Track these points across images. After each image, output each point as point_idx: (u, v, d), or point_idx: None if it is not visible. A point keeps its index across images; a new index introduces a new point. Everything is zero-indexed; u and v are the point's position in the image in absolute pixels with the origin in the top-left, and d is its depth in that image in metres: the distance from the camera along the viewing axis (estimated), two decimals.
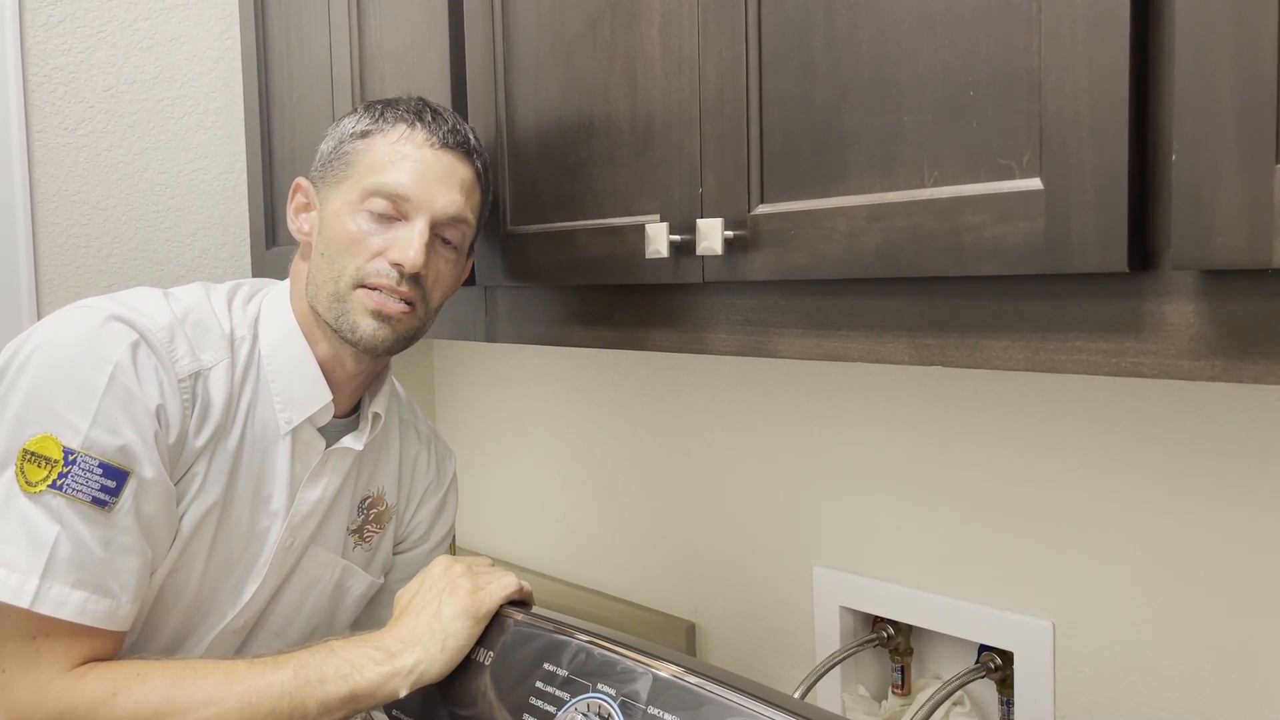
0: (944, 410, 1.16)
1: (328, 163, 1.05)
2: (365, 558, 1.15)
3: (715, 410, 1.42)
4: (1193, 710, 0.98)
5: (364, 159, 1.01)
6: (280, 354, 1.04)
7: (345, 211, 1.01)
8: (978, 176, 0.73)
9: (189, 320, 0.99)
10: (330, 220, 1.02)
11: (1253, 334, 0.62)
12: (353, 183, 1.01)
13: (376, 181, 1.00)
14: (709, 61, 0.91)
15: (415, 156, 1.00)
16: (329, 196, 1.03)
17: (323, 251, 1.02)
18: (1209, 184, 0.60)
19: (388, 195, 0.99)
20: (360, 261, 1.00)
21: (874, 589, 1.23)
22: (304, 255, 1.07)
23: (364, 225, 1.00)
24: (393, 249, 0.99)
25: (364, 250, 1.00)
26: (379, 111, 1.04)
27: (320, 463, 1.06)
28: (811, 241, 0.84)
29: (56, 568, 0.88)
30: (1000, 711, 1.14)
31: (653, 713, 0.84)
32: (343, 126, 1.06)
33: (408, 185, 1.00)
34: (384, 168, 1.00)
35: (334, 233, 1.01)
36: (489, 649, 0.98)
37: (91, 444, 0.90)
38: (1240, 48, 0.59)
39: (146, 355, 0.94)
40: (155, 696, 0.90)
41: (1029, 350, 0.73)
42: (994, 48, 0.72)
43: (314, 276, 1.03)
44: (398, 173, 1.00)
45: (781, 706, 0.81)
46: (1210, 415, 0.96)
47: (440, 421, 1.98)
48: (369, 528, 1.15)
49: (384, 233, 1.00)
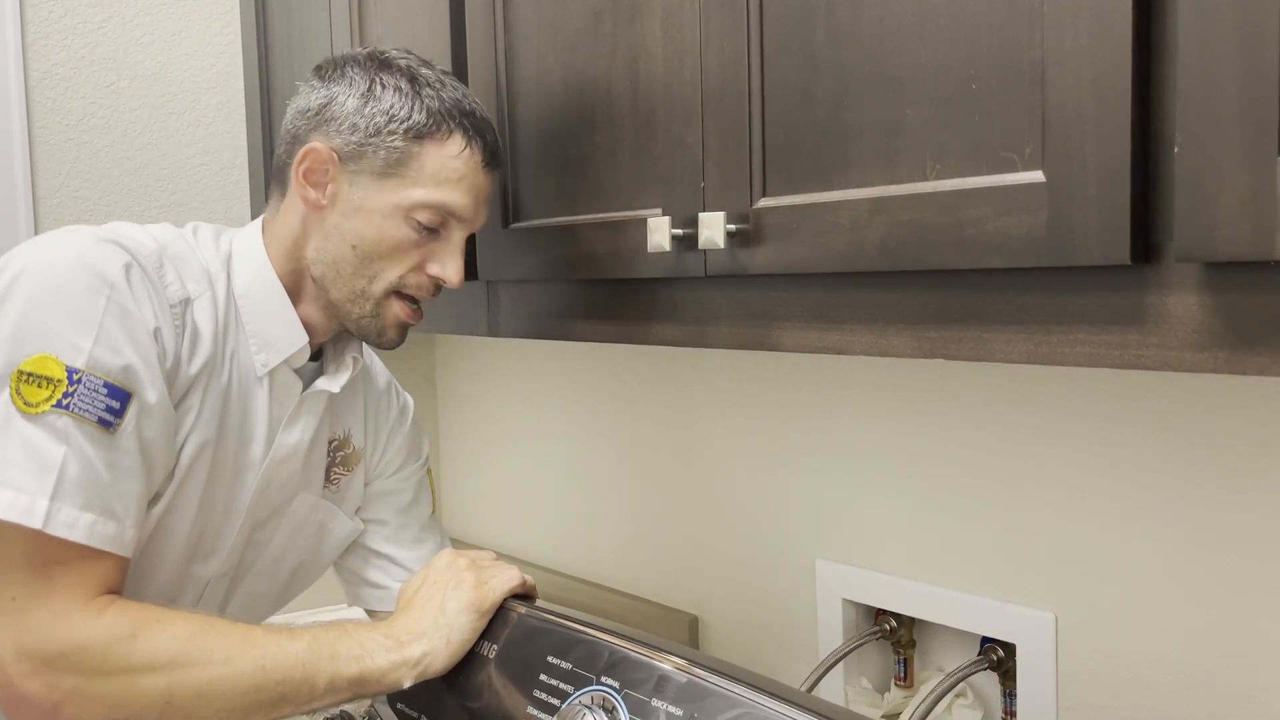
0: (946, 403, 1.16)
1: (366, 144, 0.98)
2: (339, 497, 1.15)
3: (717, 404, 1.42)
4: (1195, 701, 0.99)
5: (418, 165, 0.98)
6: (255, 295, 1.02)
7: (393, 215, 0.98)
8: (980, 169, 0.73)
9: (169, 251, 0.98)
10: (370, 216, 0.99)
11: (1255, 326, 0.62)
12: (404, 188, 0.98)
13: (437, 199, 0.98)
14: (710, 54, 0.91)
15: (472, 178, 1.00)
16: (367, 187, 0.99)
17: (354, 245, 1.00)
18: (1211, 176, 0.60)
19: (445, 214, 1.00)
20: (402, 271, 1.00)
21: (876, 582, 1.23)
22: (302, 220, 1.02)
23: (411, 235, 0.99)
24: (434, 263, 1.01)
25: (408, 260, 1.00)
26: (434, 108, 0.99)
27: (297, 405, 1.05)
28: (814, 235, 0.84)
29: (65, 489, 0.86)
30: (1003, 703, 1.14)
31: (657, 705, 0.85)
32: (387, 106, 0.98)
33: (466, 209, 1.00)
34: (443, 184, 0.99)
35: (375, 232, 0.99)
36: (493, 642, 0.99)
37: (96, 363, 0.88)
38: (1242, 40, 0.59)
39: (140, 277, 0.92)
40: (174, 646, 0.89)
41: (1032, 343, 0.73)
42: (996, 40, 0.72)
43: (327, 258, 1.01)
44: (458, 194, 1.00)
45: (785, 699, 0.81)
46: (1213, 407, 0.96)
47: (442, 415, 1.99)
48: (335, 470, 1.15)
49: (425, 243, 1.00)
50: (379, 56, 1.02)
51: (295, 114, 1.03)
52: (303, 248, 1.02)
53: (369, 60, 1.02)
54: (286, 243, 1.03)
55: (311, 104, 1.01)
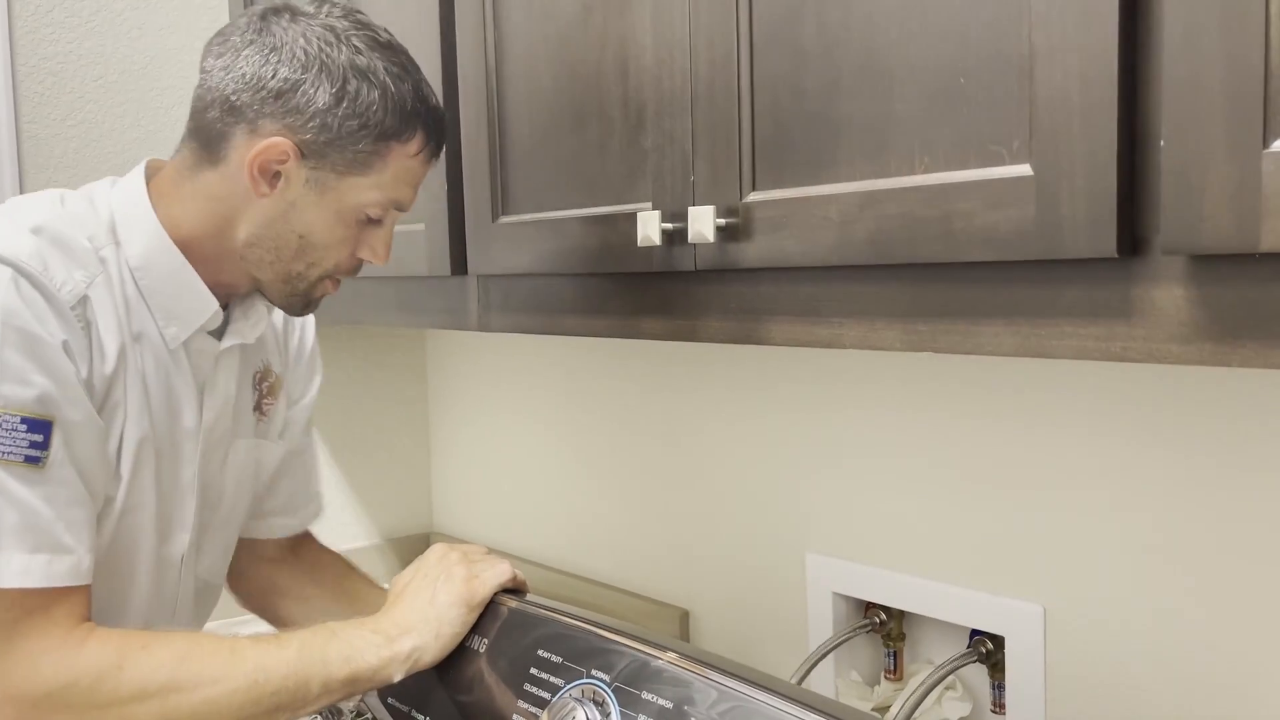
0: (935, 396, 1.16)
1: (333, 144, 0.93)
2: (267, 427, 1.15)
3: (707, 398, 1.42)
4: (1183, 692, 0.99)
5: (381, 165, 0.96)
6: (154, 269, 0.97)
7: (346, 211, 0.97)
8: (968, 163, 0.74)
9: (48, 237, 0.91)
10: (324, 211, 0.96)
11: (1241, 318, 0.62)
12: (364, 188, 0.96)
13: (392, 198, 0.97)
14: (700, 48, 0.91)
15: (421, 173, 1.00)
16: (325, 183, 0.95)
17: (301, 235, 0.96)
18: (1197, 169, 0.61)
19: (395, 209, 0.99)
20: (341, 258, 0.99)
21: (866, 575, 1.23)
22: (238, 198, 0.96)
23: (356, 227, 0.98)
24: (365, 248, 1.00)
25: (347, 248, 0.99)
26: (403, 109, 0.95)
27: (214, 365, 1.04)
28: (803, 229, 0.84)
29: (8, 539, 0.85)
30: (992, 695, 1.15)
31: (647, 698, 0.85)
32: (362, 109, 0.93)
33: (410, 202, 1.00)
34: (399, 184, 0.98)
35: (326, 226, 0.97)
36: (483, 636, 0.99)
37: (6, 401, 0.84)
38: (1228, 33, 0.59)
39: (29, 289, 0.87)
40: (163, 671, 0.88)
41: (1020, 336, 0.73)
42: (984, 34, 0.72)
43: (267, 243, 0.97)
44: (410, 191, 0.99)
45: (776, 691, 0.81)
46: (1199, 400, 0.96)
47: (433, 410, 1.99)
48: (265, 401, 1.14)
49: (364, 229, 0.99)
50: (342, 37, 0.94)
51: (239, 81, 0.93)
52: (233, 224, 0.97)
53: (335, 44, 0.93)
54: (211, 216, 0.97)
55: (267, 81, 0.92)
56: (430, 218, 1.26)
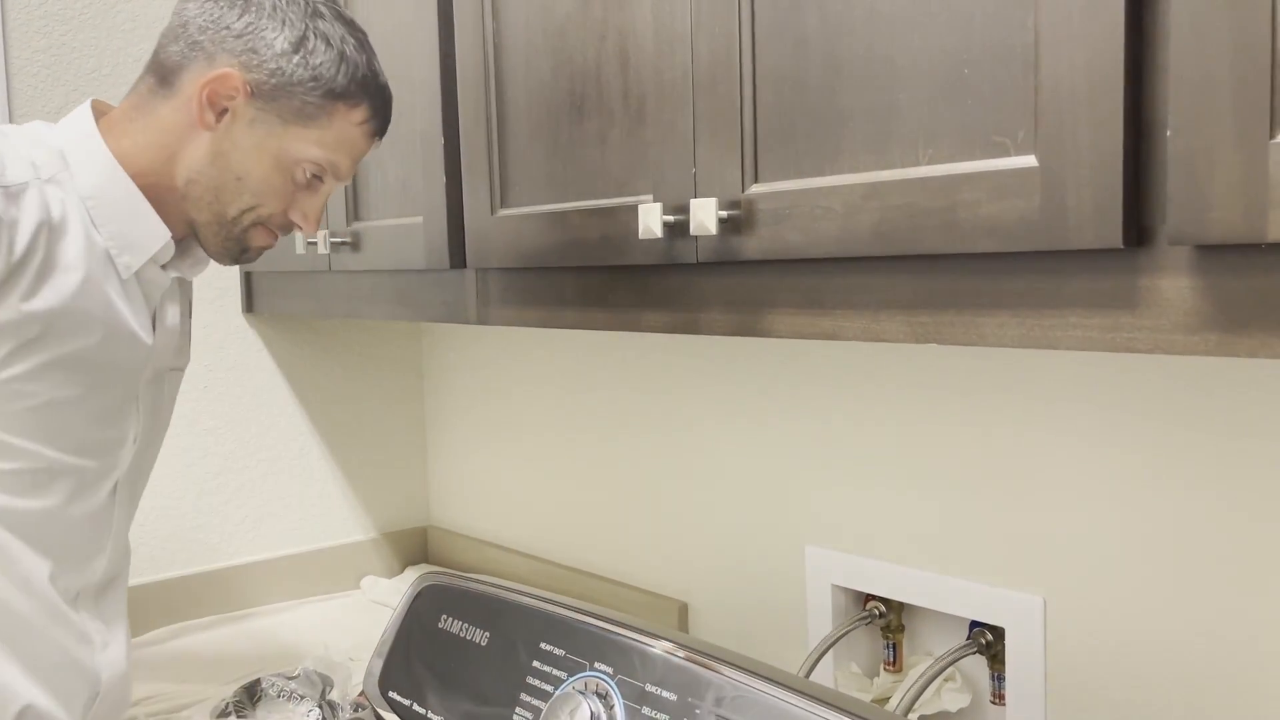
0: (936, 389, 1.16)
1: (283, 89, 0.98)
2: None
3: (707, 391, 1.42)
4: (1184, 685, 0.99)
5: (324, 123, 1.00)
6: (105, 195, 0.98)
7: (285, 161, 1.00)
8: (973, 154, 0.74)
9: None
10: (263, 156, 1.00)
11: (1247, 308, 0.62)
12: (304, 141, 1.00)
13: (329, 160, 1.01)
14: (701, 39, 0.91)
15: (361, 145, 1.04)
16: (270, 128, 0.99)
17: (239, 177, 1.00)
18: (1204, 159, 0.61)
19: (330, 175, 1.03)
20: (274, 209, 1.02)
21: (866, 567, 1.24)
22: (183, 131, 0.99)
23: (292, 181, 1.02)
24: (296, 210, 1.04)
25: (282, 201, 1.02)
26: (356, 76, 1.00)
27: (166, 296, 1.07)
28: (806, 220, 0.84)
29: None
30: (991, 687, 1.15)
31: (651, 690, 0.85)
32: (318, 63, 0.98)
33: (347, 171, 1.04)
34: (339, 148, 1.02)
35: (264, 172, 1.00)
36: (485, 629, 0.99)
37: None
38: (1235, 23, 0.59)
39: None
40: None
41: (1024, 327, 0.73)
42: (989, 24, 0.72)
43: (205, 180, 0.99)
44: (348, 159, 1.03)
45: (778, 682, 0.81)
46: (1203, 390, 0.96)
47: (430, 404, 1.98)
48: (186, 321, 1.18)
49: (299, 190, 1.03)
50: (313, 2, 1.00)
51: (208, 20, 0.98)
52: (176, 159, 1.00)
53: (304, 5, 0.99)
54: (157, 148, 1.00)
55: (232, 22, 0.97)
56: (428, 210, 1.25)
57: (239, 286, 1.77)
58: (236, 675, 1.47)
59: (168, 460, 1.72)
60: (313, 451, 1.87)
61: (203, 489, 1.76)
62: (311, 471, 1.87)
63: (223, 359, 1.77)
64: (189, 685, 1.48)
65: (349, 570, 1.90)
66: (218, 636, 1.68)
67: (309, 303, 1.58)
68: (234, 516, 1.79)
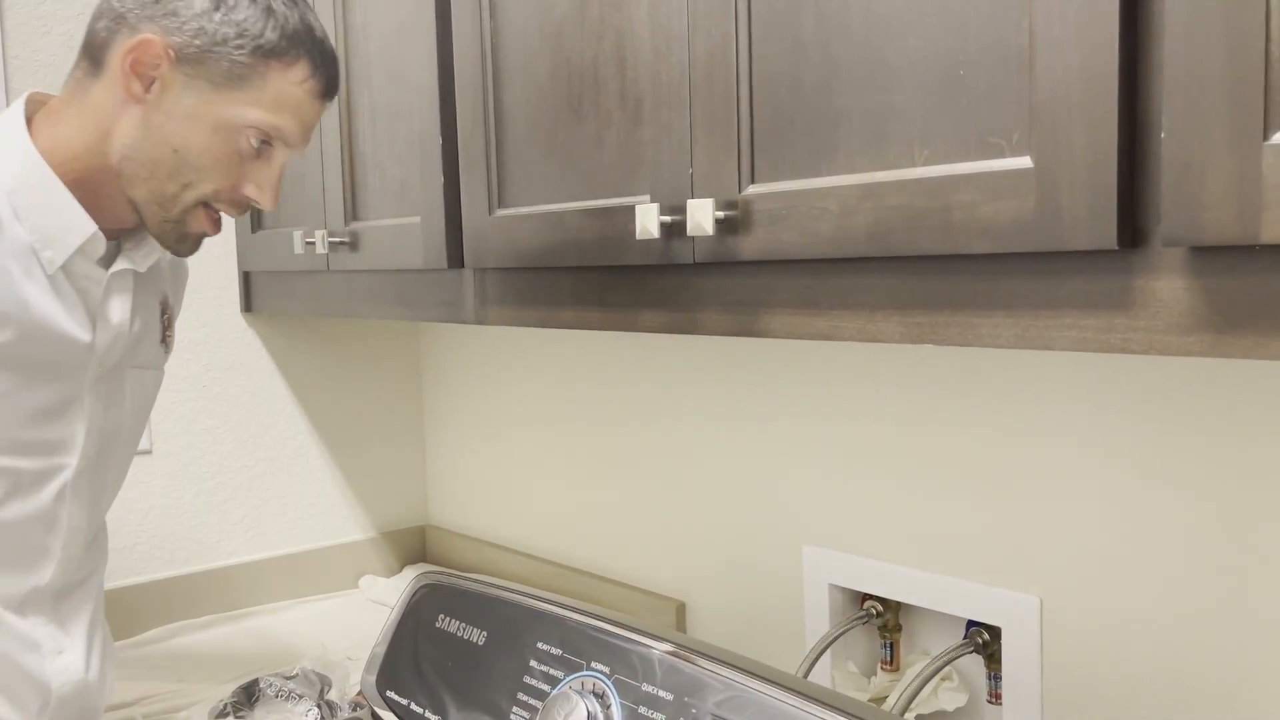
0: (933, 389, 1.17)
1: (208, 51, 0.94)
2: (166, 358, 1.17)
3: (704, 390, 1.43)
4: (1179, 684, 1.00)
5: (259, 84, 0.96)
6: (25, 188, 0.95)
7: (223, 129, 0.96)
8: (968, 155, 0.74)
9: None
10: (198, 125, 0.96)
11: (1241, 309, 0.62)
12: (240, 104, 0.96)
13: (272, 123, 0.97)
14: (698, 40, 0.91)
15: (308, 107, 0.99)
16: (201, 94, 0.95)
17: (175, 149, 0.96)
18: (1198, 161, 0.61)
19: (275, 139, 0.99)
20: (220, 185, 0.98)
21: (863, 567, 1.24)
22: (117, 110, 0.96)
23: (236, 150, 0.97)
24: (250, 184, 0.99)
25: (228, 175, 0.98)
26: (287, 30, 0.96)
27: (105, 293, 1.02)
28: (802, 221, 0.84)
29: None
30: (988, 686, 1.15)
31: (648, 690, 0.85)
32: (240, 18, 0.95)
33: (296, 135, 0.99)
34: (280, 109, 0.97)
35: (201, 142, 0.96)
36: (482, 629, 0.99)
37: None
38: (1229, 25, 0.59)
39: None
40: None
41: (1019, 327, 0.73)
42: (985, 25, 0.72)
43: (142, 156, 0.96)
44: (293, 121, 0.98)
45: (775, 682, 0.81)
46: (1199, 391, 0.97)
47: (428, 404, 1.98)
48: (168, 332, 1.15)
49: (247, 162, 0.99)
50: None
51: None
52: (109, 137, 0.97)
53: None
54: (90, 130, 0.97)
55: None
56: (426, 210, 1.26)
57: (237, 286, 1.77)
58: (234, 675, 1.47)
59: (166, 459, 1.72)
60: (311, 451, 1.87)
61: (201, 488, 1.76)
62: (310, 471, 1.87)
63: (221, 358, 1.77)
64: (187, 685, 1.49)
65: (347, 569, 1.90)
66: (216, 636, 1.69)
67: (307, 302, 1.58)
68: (232, 515, 1.80)
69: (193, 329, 1.74)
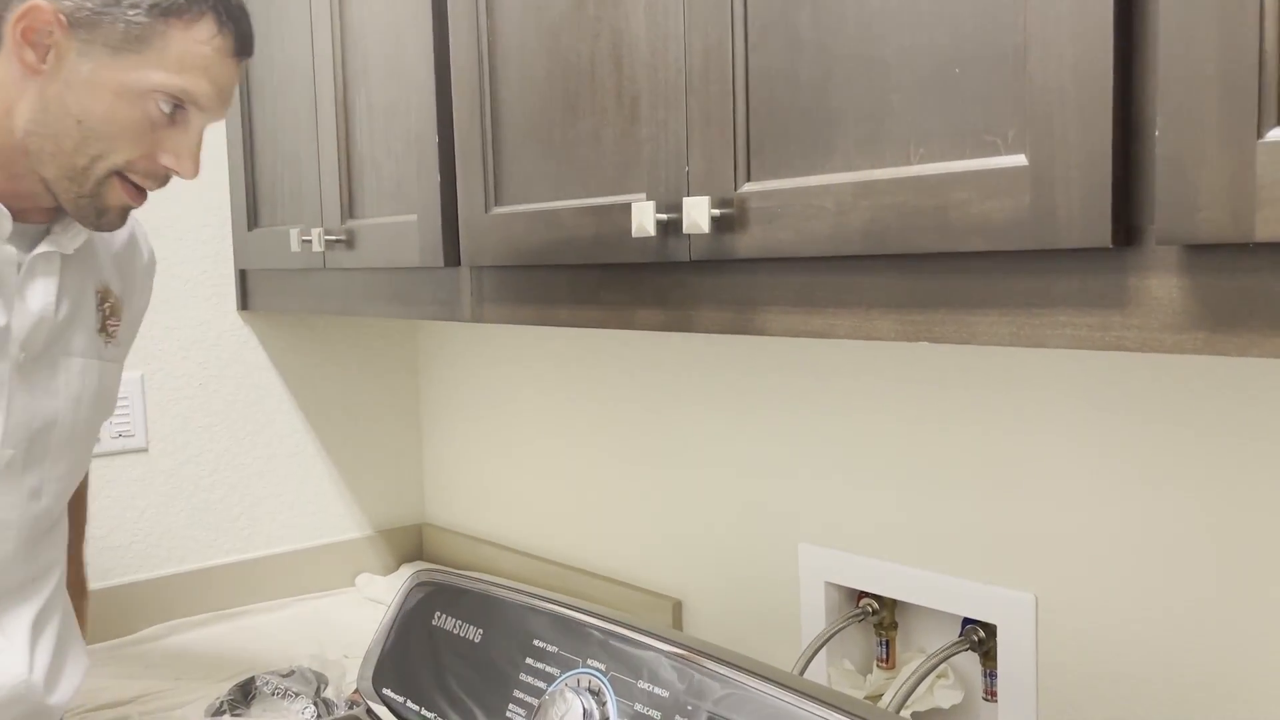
0: (928, 387, 1.17)
1: (102, 13, 0.91)
2: (117, 351, 1.13)
3: (700, 389, 1.43)
4: (1174, 680, 1.00)
5: (161, 45, 0.92)
6: None
7: (127, 95, 0.92)
8: (964, 153, 0.74)
9: None
10: (100, 92, 0.92)
11: (1235, 307, 0.63)
12: (142, 67, 0.92)
13: (179, 85, 0.93)
14: (695, 39, 0.91)
15: (219, 67, 0.95)
16: (99, 59, 0.91)
17: (79, 120, 0.92)
18: (1192, 159, 0.61)
19: (187, 103, 0.95)
20: (132, 155, 0.95)
21: (859, 565, 1.24)
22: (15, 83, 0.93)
23: (145, 118, 0.94)
24: (167, 153, 0.96)
25: (138, 145, 0.95)
26: None
27: (27, 271, 0.98)
28: (798, 219, 0.84)
29: None
30: (983, 683, 1.15)
31: (643, 687, 0.85)
32: None
33: (209, 97, 0.95)
34: (187, 70, 0.93)
35: (105, 110, 0.92)
36: (479, 626, 0.99)
37: None
38: (1223, 23, 0.59)
39: None
40: None
41: (1015, 325, 0.73)
42: (980, 24, 0.72)
43: (46, 130, 0.93)
44: (203, 82, 0.94)
45: (771, 680, 0.82)
46: (1193, 389, 0.97)
47: (425, 402, 1.98)
48: (110, 322, 1.11)
49: (161, 129, 0.95)
50: None
51: None
52: (12, 113, 0.93)
53: None
54: None
55: None
56: (423, 208, 1.26)
57: (234, 284, 1.77)
58: (231, 673, 1.47)
59: (162, 457, 1.72)
60: (308, 449, 1.87)
61: (197, 486, 1.76)
62: (307, 469, 1.87)
63: (217, 356, 1.77)
64: (183, 683, 1.49)
65: (344, 568, 1.90)
66: (212, 634, 1.69)
67: (304, 300, 1.58)
68: (229, 513, 1.80)
69: (189, 327, 1.74)
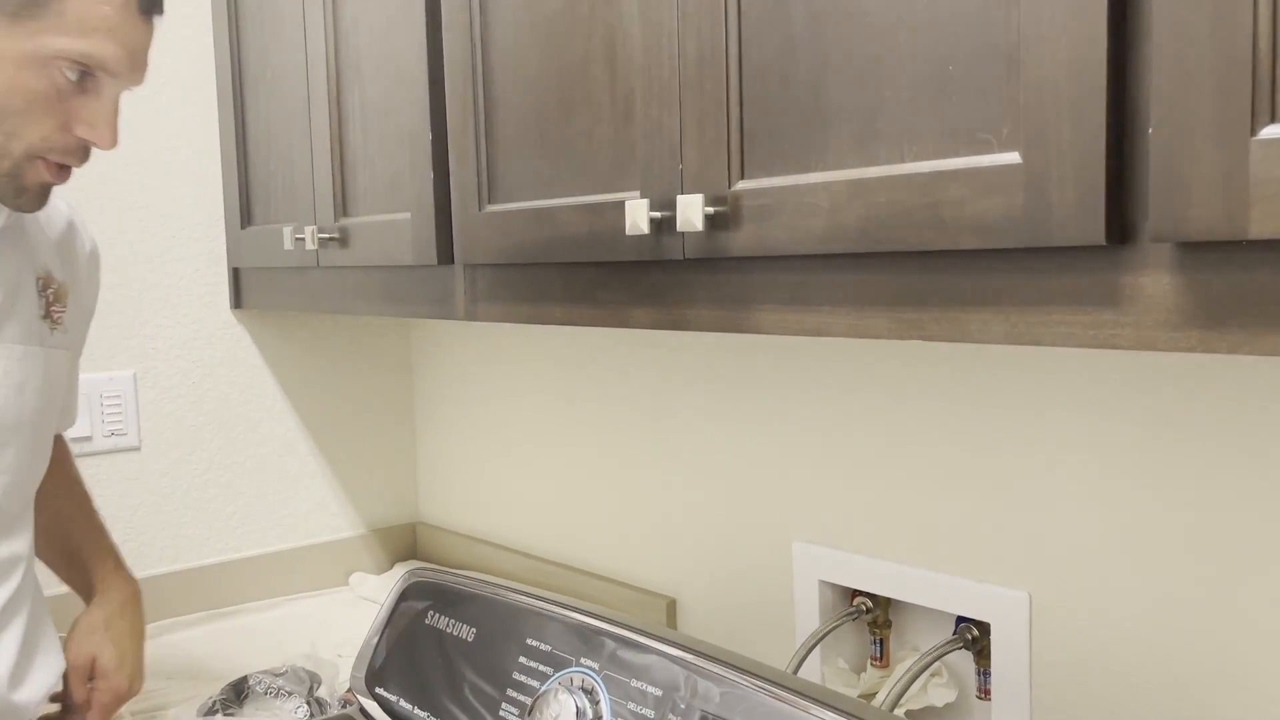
0: (922, 385, 1.17)
1: None
2: (65, 338, 1.09)
3: (694, 386, 1.43)
4: (1168, 679, 1.00)
5: (58, 8, 0.86)
6: None
7: (29, 64, 0.87)
8: (957, 151, 0.74)
9: None
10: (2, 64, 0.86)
11: (1229, 305, 0.63)
12: (41, 34, 0.86)
13: (83, 50, 0.87)
14: (689, 36, 0.91)
15: (126, 27, 0.89)
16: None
17: None
18: (1186, 157, 0.61)
19: (93, 67, 0.89)
20: (45, 131, 0.90)
21: (852, 563, 1.24)
22: None
23: (52, 89, 0.88)
24: (81, 124, 0.91)
25: (49, 118, 0.89)
26: None
27: None
28: (792, 217, 0.84)
29: None
30: (977, 682, 1.15)
31: (637, 686, 0.85)
32: None
33: (119, 62, 0.90)
34: (90, 33, 0.87)
35: (6, 83, 0.87)
36: (472, 625, 0.99)
37: None
38: (1217, 20, 0.59)
39: None
40: None
41: (1008, 323, 0.73)
42: (973, 22, 0.72)
43: None
44: (110, 45, 0.88)
45: (765, 678, 0.81)
46: (1187, 387, 0.97)
47: (418, 401, 1.98)
48: (55, 309, 1.07)
49: (71, 99, 0.90)
50: None
51: None
52: None
53: None
54: None
55: None
56: (416, 206, 1.25)
57: (227, 282, 1.77)
58: (224, 672, 1.47)
59: (155, 456, 1.72)
60: (301, 447, 1.87)
61: (190, 484, 1.76)
62: (300, 467, 1.87)
63: (210, 355, 1.77)
64: (176, 682, 1.48)
65: (337, 567, 1.90)
66: (205, 633, 1.68)
67: (297, 298, 1.58)
68: (222, 513, 1.79)
69: (182, 325, 1.73)
